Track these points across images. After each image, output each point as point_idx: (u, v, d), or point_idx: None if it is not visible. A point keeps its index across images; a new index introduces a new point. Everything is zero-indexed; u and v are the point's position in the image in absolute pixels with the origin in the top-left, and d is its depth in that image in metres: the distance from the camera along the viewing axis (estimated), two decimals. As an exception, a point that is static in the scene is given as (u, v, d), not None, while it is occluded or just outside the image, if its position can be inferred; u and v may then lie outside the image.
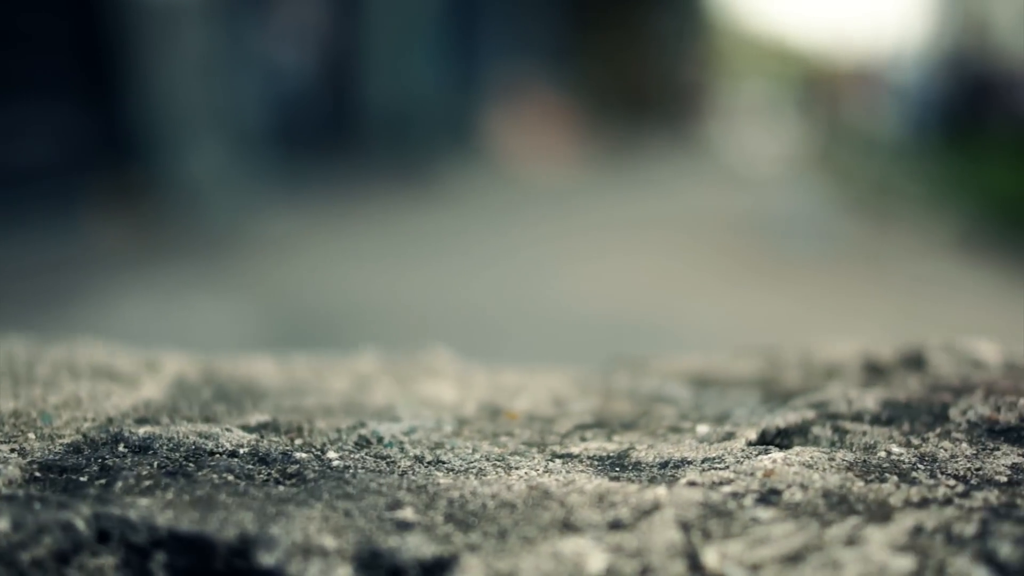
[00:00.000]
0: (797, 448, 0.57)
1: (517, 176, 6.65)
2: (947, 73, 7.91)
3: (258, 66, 5.45)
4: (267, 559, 0.47)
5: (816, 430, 0.60)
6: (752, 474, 0.54)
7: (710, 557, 0.47)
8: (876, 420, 0.61)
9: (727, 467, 0.55)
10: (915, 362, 0.73)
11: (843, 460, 0.55)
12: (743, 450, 0.57)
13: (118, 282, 3.45)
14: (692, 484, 0.54)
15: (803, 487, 0.53)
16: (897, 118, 7.99)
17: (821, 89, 9.51)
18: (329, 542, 0.48)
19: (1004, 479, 0.54)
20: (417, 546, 0.48)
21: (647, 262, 4.34)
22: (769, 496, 0.52)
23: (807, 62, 10.19)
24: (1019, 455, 0.57)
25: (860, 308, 3.47)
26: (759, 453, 0.57)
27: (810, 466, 0.55)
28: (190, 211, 4.45)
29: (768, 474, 0.54)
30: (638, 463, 0.58)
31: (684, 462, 0.57)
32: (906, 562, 0.46)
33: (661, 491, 0.52)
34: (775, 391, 0.68)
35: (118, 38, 4.48)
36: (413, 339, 0.89)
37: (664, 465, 0.57)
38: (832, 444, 0.58)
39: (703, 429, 0.60)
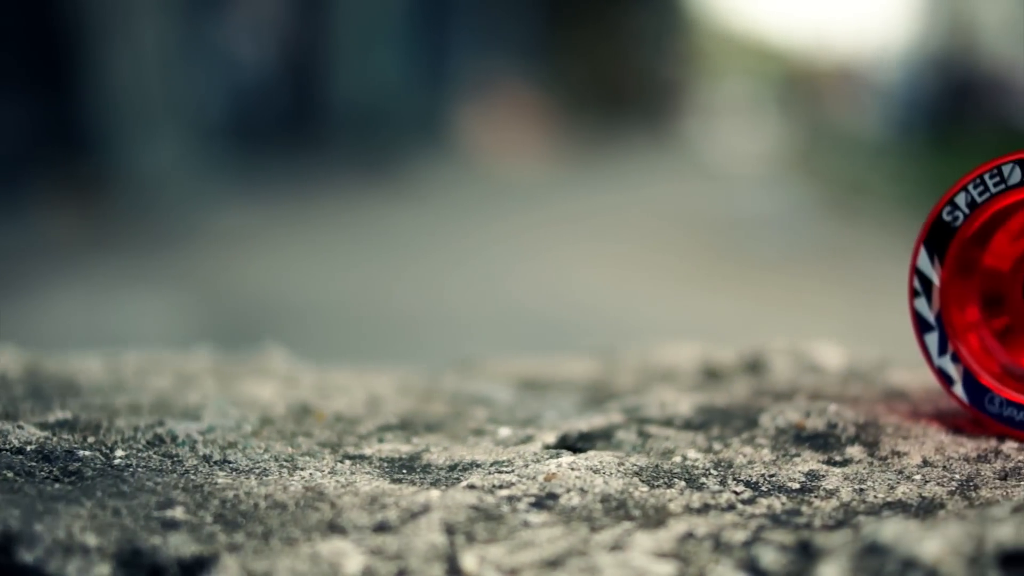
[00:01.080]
0: (591, 452, 0.56)
1: (489, 172, 6.65)
2: (932, 74, 7.94)
3: (217, 59, 5.44)
4: (27, 556, 0.47)
5: (621, 434, 0.59)
6: (534, 478, 0.53)
7: (468, 561, 0.47)
8: (687, 425, 0.60)
9: (513, 471, 0.54)
10: (754, 366, 0.72)
11: (634, 465, 0.55)
12: (535, 453, 0.57)
13: (59, 274, 3.44)
14: (471, 487, 0.53)
15: (582, 491, 0.52)
16: (880, 118, 8.02)
17: (803, 88, 9.54)
18: (91, 540, 0.47)
19: (796, 486, 0.53)
20: (178, 545, 0.47)
21: (612, 261, 4.34)
22: (545, 500, 0.51)
23: (789, 61, 10.21)
24: (818, 461, 0.56)
25: (819, 307, 3.48)
26: (550, 457, 0.56)
27: (596, 471, 0.54)
28: (143, 204, 4.44)
29: (549, 478, 0.53)
30: (427, 465, 0.57)
31: (473, 465, 0.56)
32: (666, 568, 0.45)
33: (434, 494, 0.51)
34: (600, 394, 0.67)
35: (72, 28, 4.47)
36: (354, 337, 0.88)
37: (453, 468, 0.56)
38: (633, 448, 0.58)
39: (505, 432, 0.60)
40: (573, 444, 0.58)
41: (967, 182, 0.56)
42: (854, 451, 0.57)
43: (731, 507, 0.51)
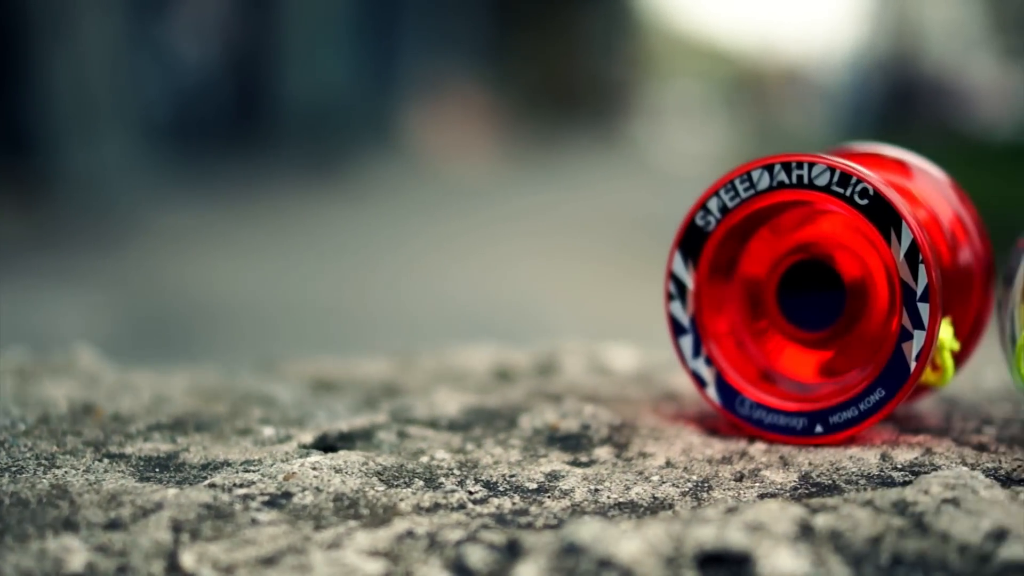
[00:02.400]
0: (342, 452, 0.56)
1: (438, 173, 6.65)
2: (877, 78, 7.99)
3: (161, 58, 5.41)
4: None
5: (381, 434, 0.59)
6: (275, 477, 0.53)
7: (187, 558, 0.47)
8: (450, 426, 0.61)
9: (258, 470, 0.54)
10: (546, 367, 0.73)
11: (378, 464, 0.55)
12: (287, 453, 0.57)
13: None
14: (211, 486, 0.53)
15: (317, 491, 0.52)
16: (826, 120, 8.07)
17: (751, 90, 9.58)
18: None
19: (533, 486, 0.54)
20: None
21: (551, 259, 4.35)
22: (279, 499, 0.52)
23: (737, 63, 10.26)
24: (564, 462, 0.57)
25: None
26: (300, 456, 0.56)
27: (338, 470, 0.54)
28: (84, 204, 4.41)
29: (288, 477, 0.54)
30: (182, 464, 0.57)
31: (224, 464, 0.56)
32: (375, 566, 0.46)
33: (170, 492, 0.51)
34: (381, 395, 0.68)
35: (15, 28, 4.44)
36: (277, 334, 0.87)
37: (205, 467, 0.56)
38: (388, 448, 0.58)
39: (268, 432, 0.60)
40: (331, 444, 0.59)
41: (719, 187, 0.57)
42: (602, 452, 0.58)
43: (461, 507, 0.52)
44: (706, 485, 0.55)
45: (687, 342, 0.59)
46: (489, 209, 5.68)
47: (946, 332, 0.59)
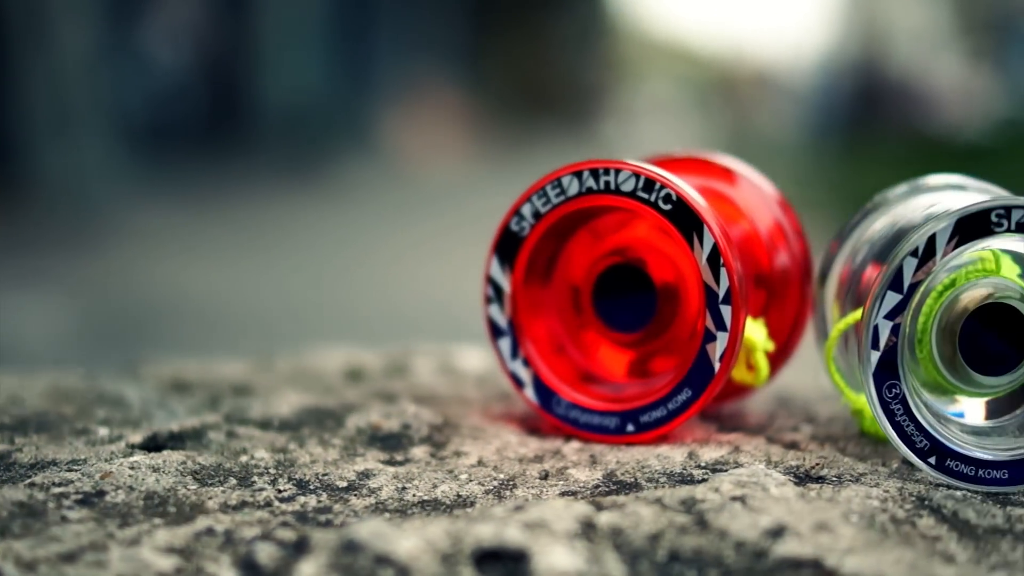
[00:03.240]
0: (166, 452, 0.57)
1: (414, 175, 6.65)
2: (846, 81, 8.01)
3: (137, 62, 5.41)
4: None
5: (212, 434, 0.60)
6: (92, 476, 0.53)
7: (-11, 555, 0.48)
8: (282, 426, 0.62)
9: (80, 469, 0.55)
10: (397, 369, 0.73)
11: (198, 463, 0.56)
12: (113, 452, 0.58)
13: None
14: (31, 485, 0.54)
15: (131, 489, 0.53)
16: (796, 123, 8.09)
17: (722, 93, 9.61)
18: None
19: (343, 484, 0.55)
20: None
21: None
22: (93, 497, 0.53)
23: (709, 66, 10.29)
24: (379, 461, 0.58)
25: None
26: (124, 455, 0.57)
27: (156, 469, 0.55)
28: (60, 207, 4.41)
29: (105, 476, 0.54)
30: (12, 463, 0.58)
31: (52, 463, 0.57)
32: (168, 562, 0.47)
33: (-14, 491, 0.52)
34: (230, 395, 0.68)
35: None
36: (236, 335, 0.88)
37: (33, 467, 0.57)
38: (215, 448, 0.58)
39: (103, 432, 0.60)
40: (160, 443, 0.59)
41: (532, 193, 0.58)
42: (418, 451, 0.58)
43: (267, 505, 0.52)
44: (511, 483, 0.56)
45: (505, 344, 0.60)
46: (463, 210, 5.68)
47: (759, 333, 0.60)
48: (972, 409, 0.58)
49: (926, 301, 0.56)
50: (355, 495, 0.55)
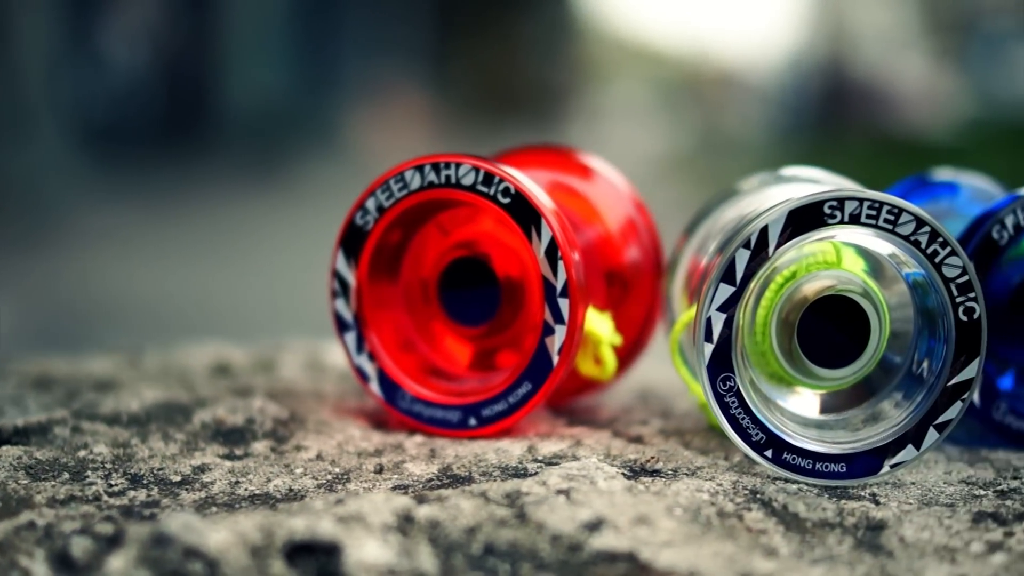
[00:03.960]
0: (6, 447, 0.57)
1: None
2: (814, 81, 8.03)
3: (97, 62, 5.38)
4: None
5: (57, 429, 0.60)
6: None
7: None
8: (131, 421, 0.62)
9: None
10: (265, 365, 0.73)
11: (34, 458, 0.56)
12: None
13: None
14: None
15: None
16: (764, 123, 8.11)
17: (691, 93, 9.64)
18: None
19: (177, 479, 0.56)
20: None
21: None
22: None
23: (678, 66, 10.31)
24: (218, 455, 0.58)
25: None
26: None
27: (-10, 464, 0.54)
28: (15, 205, 4.38)
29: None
30: None
31: None
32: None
33: None
34: (90, 391, 0.68)
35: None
36: (176, 334, 0.87)
37: None
38: (59, 443, 0.58)
39: (-52, 428, 0.60)
40: (5, 438, 0.58)
41: (375, 187, 0.58)
42: (259, 446, 0.58)
43: (96, 499, 0.52)
44: (345, 477, 0.55)
45: (351, 338, 0.60)
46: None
47: (605, 327, 0.59)
48: (812, 402, 0.58)
49: (765, 293, 0.56)
50: (186, 489, 0.55)
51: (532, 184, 0.57)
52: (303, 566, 0.47)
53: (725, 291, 0.55)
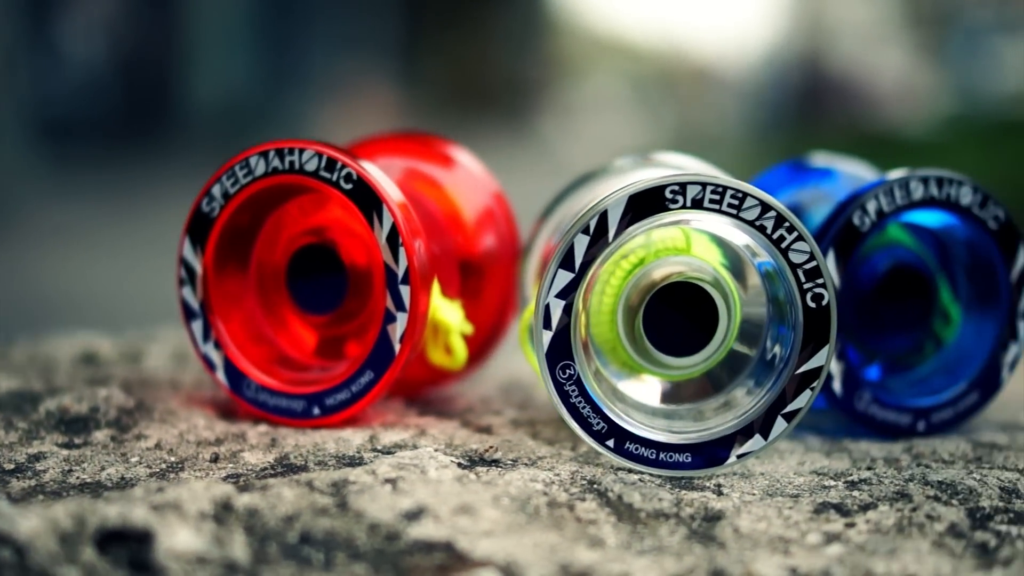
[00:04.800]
0: None
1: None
2: (792, 76, 8.05)
3: (57, 56, 5.37)
4: None
5: None
6: None
7: None
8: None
9: None
10: (132, 355, 0.73)
11: None
12: None
13: None
14: None
15: None
16: (741, 118, 8.12)
17: (667, 88, 9.65)
18: None
19: (11, 467, 0.55)
20: None
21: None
22: None
23: (653, 61, 10.32)
24: (56, 444, 0.57)
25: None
26: None
27: None
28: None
29: None
30: None
31: None
32: None
33: None
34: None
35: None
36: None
37: None
38: None
39: None
40: None
41: (221, 174, 0.58)
42: (100, 434, 0.58)
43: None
44: (179, 466, 0.55)
45: (198, 326, 0.60)
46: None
47: (454, 316, 0.59)
48: (660, 391, 0.58)
49: (611, 281, 0.56)
50: (17, 478, 0.55)
51: (376, 170, 0.57)
52: (114, 554, 0.47)
53: (564, 277, 0.54)
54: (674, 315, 0.56)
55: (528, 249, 0.65)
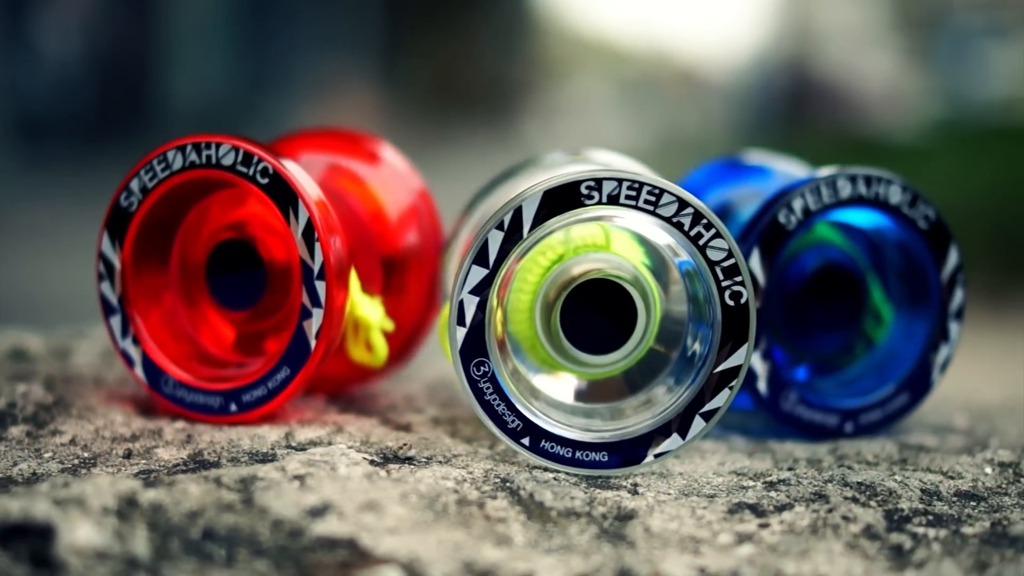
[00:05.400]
0: None
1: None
2: (779, 79, 8.07)
3: (29, 55, 5.36)
4: None
5: None
6: None
7: None
8: None
9: None
10: (62, 352, 0.73)
11: None
12: None
13: None
14: None
15: None
16: (727, 122, 8.14)
17: (652, 90, 9.65)
18: None
19: None
20: None
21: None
22: None
23: (638, 64, 10.33)
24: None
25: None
26: None
27: None
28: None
29: None
30: None
31: None
32: None
33: None
34: None
35: None
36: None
37: None
38: None
39: None
40: None
41: (140, 168, 0.58)
42: (16, 430, 0.59)
43: None
44: (91, 462, 0.56)
45: (116, 322, 0.60)
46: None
47: (375, 312, 0.60)
48: (578, 389, 0.58)
49: (528, 277, 0.56)
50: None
51: (293, 166, 0.58)
52: (15, 549, 0.47)
53: (478, 273, 0.55)
54: (591, 312, 0.57)
55: (450, 245, 0.65)
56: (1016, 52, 6.78)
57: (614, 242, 0.57)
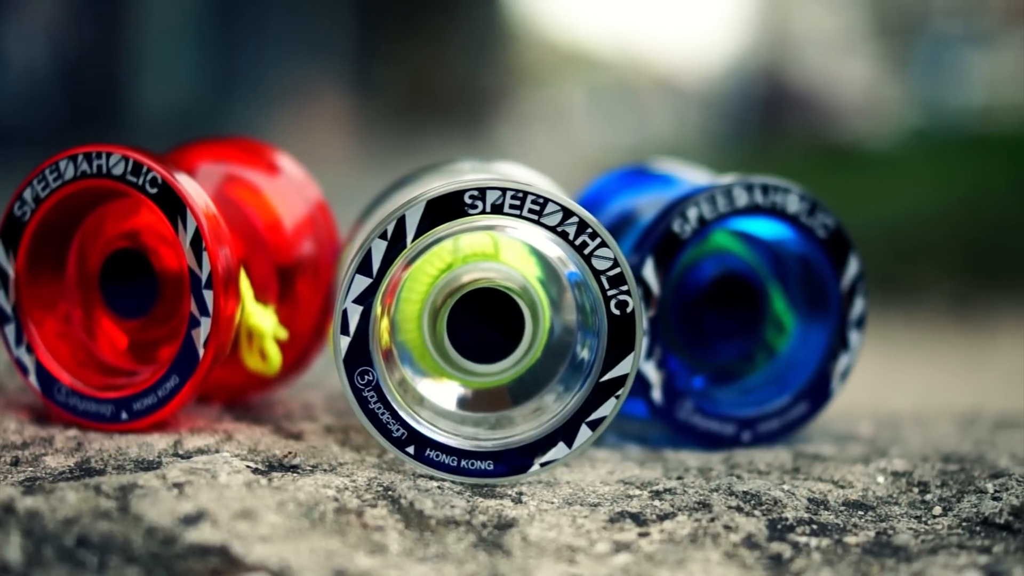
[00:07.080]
0: None
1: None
2: (755, 87, 8.10)
3: (2, 63, 5.35)
4: None
5: None
6: None
7: None
8: None
9: None
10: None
11: None
12: None
13: None
14: None
15: None
16: (702, 129, 8.15)
17: (627, 98, 9.68)
18: None
19: None
20: None
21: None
22: None
23: (614, 71, 10.36)
24: None
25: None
26: None
27: None
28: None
29: None
30: None
31: None
32: None
33: None
34: None
35: None
36: None
37: None
38: None
39: None
40: None
41: (32, 177, 0.59)
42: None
43: None
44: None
45: (11, 330, 0.61)
46: (348, 215, 5.67)
47: (268, 321, 0.61)
48: (464, 397, 0.59)
49: (415, 287, 0.57)
50: None
51: (182, 176, 0.59)
52: None
53: (361, 283, 0.56)
54: (478, 321, 0.58)
55: (343, 253, 0.66)
56: (994, 58, 6.80)
57: (503, 252, 0.58)
